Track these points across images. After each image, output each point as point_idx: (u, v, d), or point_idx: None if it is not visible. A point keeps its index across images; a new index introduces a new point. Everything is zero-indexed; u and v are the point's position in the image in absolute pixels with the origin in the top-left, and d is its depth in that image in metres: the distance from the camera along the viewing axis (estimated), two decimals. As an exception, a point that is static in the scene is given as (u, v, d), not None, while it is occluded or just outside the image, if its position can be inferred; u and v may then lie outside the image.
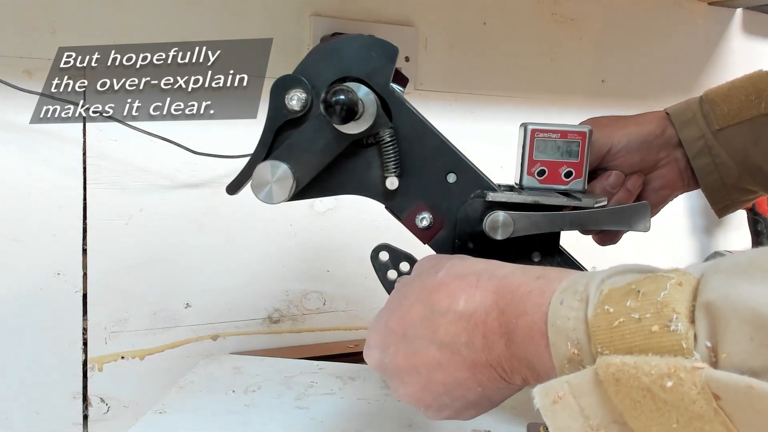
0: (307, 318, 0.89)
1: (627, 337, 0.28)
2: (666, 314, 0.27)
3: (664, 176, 0.62)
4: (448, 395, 0.39)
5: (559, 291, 0.32)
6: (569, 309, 0.31)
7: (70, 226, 0.74)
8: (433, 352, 0.39)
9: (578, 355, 0.30)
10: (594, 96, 1.08)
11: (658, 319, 0.27)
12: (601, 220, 0.51)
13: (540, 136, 0.53)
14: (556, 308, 0.32)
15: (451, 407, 0.40)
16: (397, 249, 0.54)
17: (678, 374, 0.26)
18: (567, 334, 0.30)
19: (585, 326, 0.30)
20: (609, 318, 0.29)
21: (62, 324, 0.75)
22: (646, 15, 1.11)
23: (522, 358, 0.35)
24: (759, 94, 0.60)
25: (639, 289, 0.29)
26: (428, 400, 0.40)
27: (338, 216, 0.89)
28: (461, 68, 0.97)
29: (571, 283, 0.32)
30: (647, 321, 0.28)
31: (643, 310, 0.28)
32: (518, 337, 0.34)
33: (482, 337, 0.37)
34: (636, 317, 0.28)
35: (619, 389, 0.28)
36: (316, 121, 0.50)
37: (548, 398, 0.30)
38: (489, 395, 0.39)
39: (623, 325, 0.28)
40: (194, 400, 0.64)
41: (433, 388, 0.40)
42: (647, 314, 0.28)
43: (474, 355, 0.37)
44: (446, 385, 0.39)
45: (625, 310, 0.29)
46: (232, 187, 0.52)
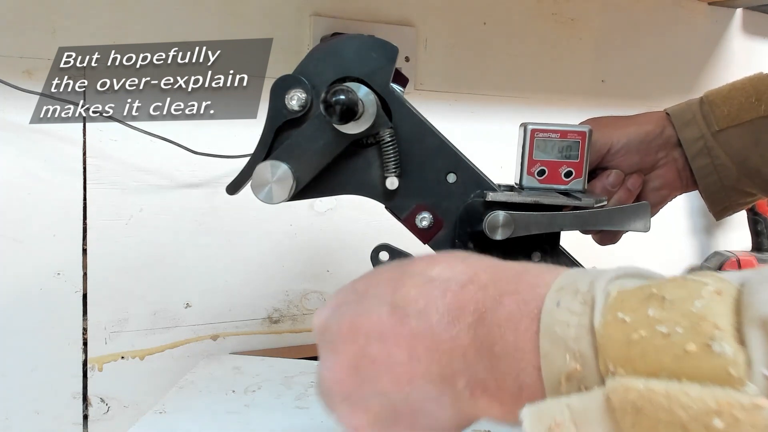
0: (307, 318, 0.89)
1: (651, 355, 0.23)
2: (705, 330, 0.22)
3: (662, 176, 0.62)
4: (371, 384, 0.32)
5: (555, 289, 0.26)
6: (569, 313, 0.25)
7: (70, 226, 0.74)
8: (382, 314, 0.32)
9: (580, 371, 0.24)
10: (594, 96, 1.08)
11: (695, 336, 0.22)
12: (601, 220, 0.51)
13: (540, 136, 0.54)
14: (551, 311, 0.26)
15: (367, 407, 0.32)
16: (397, 249, 0.54)
17: (732, 412, 0.20)
18: (566, 344, 0.25)
19: (590, 336, 0.24)
20: (625, 329, 0.23)
21: (62, 324, 0.75)
22: (646, 15, 1.11)
23: (488, 354, 0.28)
24: (759, 96, 0.60)
25: (663, 294, 0.24)
26: (347, 386, 0.33)
27: (338, 216, 0.89)
28: (461, 68, 0.97)
29: (569, 280, 0.27)
30: (679, 337, 0.22)
31: (672, 323, 0.23)
32: (494, 321, 0.28)
33: (444, 309, 0.30)
34: (663, 331, 0.23)
35: (639, 422, 0.22)
36: (316, 121, 0.50)
37: (542, 424, 0.24)
38: (416, 406, 0.31)
39: (645, 340, 0.23)
40: (194, 400, 0.64)
41: (361, 366, 0.32)
42: (678, 328, 0.22)
43: (422, 328, 0.30)
44: (376, 364, 0.31)
45: (647, 320, 0.23)
46: (232, 187, 0.52)
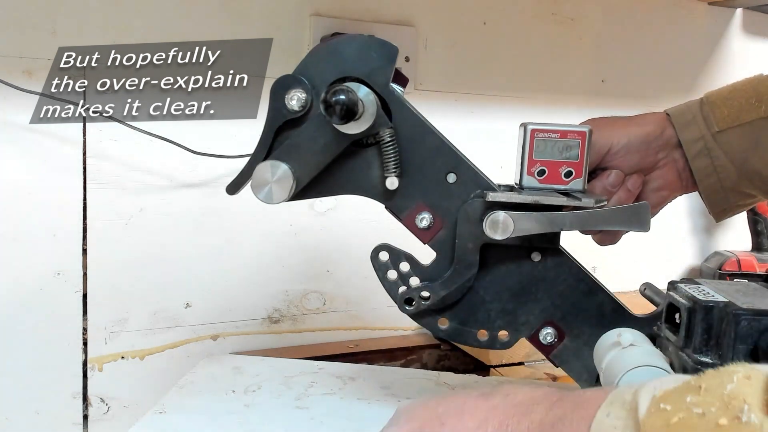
0: (307, 318, 0.89)
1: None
2: (736, 406, 0.25)
3: (662, 177, 0.62)
4: None
5: (606, 404, 0.30)
6: (616, 419, 0.28)
7: (70, 226, 0.74)
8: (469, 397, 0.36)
9: None
10: (594, 96, 1.08)
11: (727, 412, 0.25)
12: (601, 220, 0.51)
13: (540, 136, 0.53)
14: (601, 421, 0.29)
15: None
16: (397, 249, 0.54)
17: None
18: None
19: (634, 431, 0.27)
20: (665, 416, 0.26)
21: (62, 324, 0.75)
22: (646, 15, 1.11)
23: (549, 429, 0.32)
24: (759, 98, 0.60)
25: (700, 384, 0.27)
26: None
27: (338, 216, 0.89)
28: (461, 68, 0.97)
29: (617, 395, 0.30)
30: (712, 415, 0.25)
31: (706, 405, 0.25)
32: (562, 414, 0.32)
33: (527, 397, 0.34)
34: (699, 412, 0.25)
35: None
36: (316, 121, 0.50)
37: None
38: None
39: (683, 421, 0.25)
40: (194, 400, 0.64)
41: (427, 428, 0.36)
42: (712, 408, 0.25)
43: (503, 404, 0.35)
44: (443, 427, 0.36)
45: (685, 405, 0.26)
46: (232, 187, 0.52)
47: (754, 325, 0.44)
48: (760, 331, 0.44)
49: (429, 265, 0.54)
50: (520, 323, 0.54)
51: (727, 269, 1.12)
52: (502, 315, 0.54)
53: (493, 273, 0.54)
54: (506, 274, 0.54)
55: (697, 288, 0.49)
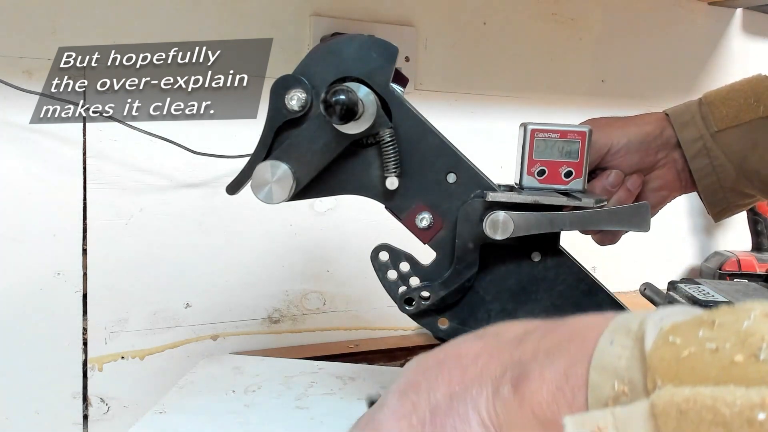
0: (307, 318, 0.89)
1: (699, 369, 0.24)
2: (753, 343, 0.23)
3: (662, 177, 0.62)
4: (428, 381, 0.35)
5: (609, 331, 0.28)
6: (621, 348, 0.27)
7: (70, 226, 0.74)
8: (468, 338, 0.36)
9: (627, 394, 0.26)
10: (594, 96, 1.08)
11: (743, 349, 0.23)
12: (601, 220, 0.51)
13: (540, 136, 0.54)
14: (604, 349, 0.27)
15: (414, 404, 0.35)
16: (397, 249, 0.54)
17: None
18: (617, 373, 0.26)
19: (641, 363, 0.26)
20: (675, 349, 0.25)
21: (62, 324, 0.75)
22: (646, 15, 1.11)
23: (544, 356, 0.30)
24: (758, 98, 0.60)
25: (713, 319, 0.25)
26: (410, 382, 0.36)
27: (338, 216, 0.89)
28: (461, 68, 0.97)
29: (622, 322, 0.28)
30: (727, 351, 0.24)
31: (721, 340, 0.24)
32: (558, 342, 0.30)
33: (517, 333, 0.33)
34: (712, 347, 0.24)
35: (681, 424, 0.23)
36: (316, 121, 0.50)
37: (585, 428, 0.25)
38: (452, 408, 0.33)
39: (694, 356, 0.24)
40: (194, 400, 0.64)
41: (430, 367, 0.35)
42: (726, 344, 0.24)
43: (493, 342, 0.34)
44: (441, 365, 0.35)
45: (697, 340, 0.25)
46: (232, 187, 0.52)
47: (754, 325, 0.44)
48: (760, 331, 0.44)
49: (429, 265, 0.54)
50: (520, 323, 0.54)
51: (727, 269, 1.12)
52: (502, 315, 0.54)
53: (493, 273, 0.54)
54: (506, 274, 0.54)
55: (697, 288, 0.49)
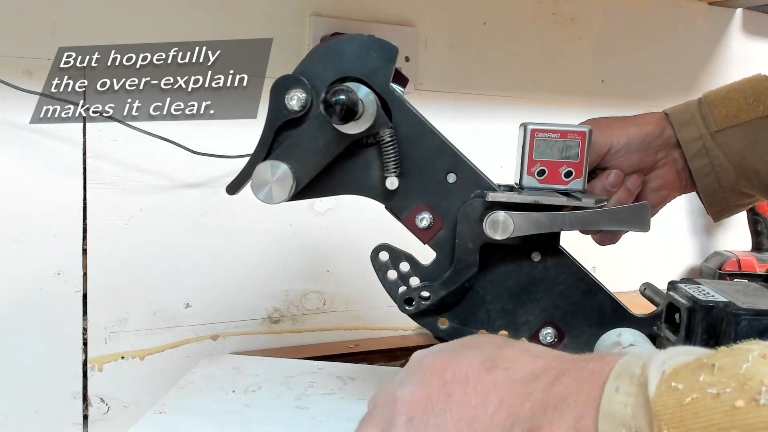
0: (307, 318, 0.89)
1: (702, 414, 0.24)
2: (752, 387, 0.24)
3: (662, 177, 0.62)
4: (435, 416, 0.35)
5: (613, 378, 0.28)
6: (626, 395, 0.27)
7: (70, 226, 0.74)
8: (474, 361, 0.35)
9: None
10: (594, 96, 1.08)
11: (743, 393, 0.24)
12: (601, 220, 0.51)
13: (540, 136, 0.53)
14: (610, 398, 0.28)
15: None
16: (397, 249, 0.54)
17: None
18: (624, 422, 0.27)
19: (645, 411, 0.26)
20: (677, 395, 0.25)
21: (62, 324, 0.75)
22: (646, 15, 1.11)
23: (553, 406, 0.30)
24: (757, 97, 0.60)
25: (713, 363, 0.26)
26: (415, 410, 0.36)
27: (338, 216, 0.89)
28: (461, 68, 0.97)
29: (625, 366, 0.29)
30: (728, 396, 0.24)
31: (721, 385, 0.25)
32: (566, 389, 0.30)
33: (530, 371, 0.33)
34: (713, 392, 0.24)
35: None
36: (316, 121, 0.50)
37: None
38: None
39: (697, 401, 0.25)
40: (194, 400, 0.64)
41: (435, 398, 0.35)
42: (727, 389, 0.24)
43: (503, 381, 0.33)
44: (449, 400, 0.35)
45: (698, 385, 0.25)
46: (232, 187, 0.52)
47: (754, 325, 0.44)
48: (759, 331, 0.44)
49: (429, 265, 0.54)
50: (520, 323, 0.54)
51: (727, 269, 1.12)
52: (501, 315, 0.54)
53: (493, 273, 0.54)
54: (506, 274, 0.54)
55: (697, 288, 0.49)
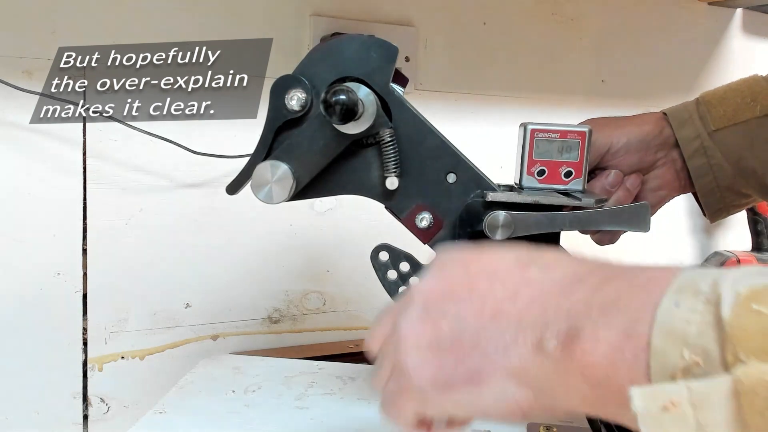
0: (307, 318, 0.89)
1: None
2: None
3: (661, 176, 0.62)
4: (455, 304, 0.32)
5: (674, 291, 0.25)
6: (691, 312, 0.24)
7: (70, 226, 0.74)
8: (506, 259, 0.32)
9: (700, 365, 0.23)
10: (594, 96, 1.08)
11: None
12: (601, 220, 0.51)
13: (540, 136, 0.54)
14: (669, 311, 0.25)
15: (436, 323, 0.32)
16: (397, 249, 0.54)
17: None
18: (686, 340, 0.24)
19: (716, 332, 0.23)
20: (761, 319, 0.23)
21: (62, 324, 0.75)
22: (645, 15, 1.11)
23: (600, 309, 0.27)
24: (754, 97, 0.60)
25: None
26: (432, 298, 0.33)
27: (338, 216, 0.89)
28: (461, 68, 0.97)
29: (689, 281, 0.26)
30: None
31: None
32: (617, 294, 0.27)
33: (572, 271, 0.30)
34: None
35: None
36: (316, 121, 0.50)
37: (656, 403, 0.23)
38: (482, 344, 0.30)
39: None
40: (194, 400, 0.64)
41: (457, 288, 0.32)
42: None
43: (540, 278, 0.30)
44: (471, 291, 0.32)
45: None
46: (232, 187, 0.52)
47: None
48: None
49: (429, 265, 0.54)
50: (520, 323, 0.54)
51: (727, 269, 1.12)
52: (501, 315, 0.54)
53: (493, 273, 0.54)
54: (506, 274, 0.54)
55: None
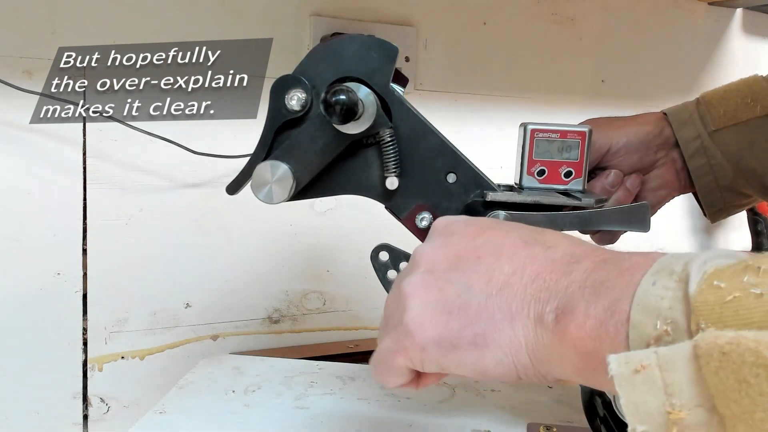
0: (307, 318, 0.89)
1: (742, 313, 0.25)
2: None
3: (661, 176, 0.62)
4: (462, 272, 0.35)
5: (652, 272, 0.28)
6: (664, 289, 0.27)
7: (70, 226, 0.74)
8: (512, 235, 0.35)
9: (669, 334, 0.26)
10: (594, 96, 1.08)
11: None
12: (601, 220, 0.51)
13: (540, 136, 0.54)
14: (646, 290, 0.28)
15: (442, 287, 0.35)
16: (397, 249, 0.54)
17: None
18: (659, 313, 0.27)
19: (684, 305, 0.26)
20: (719, 293, 0.25)
21: (62, 324, 0.75)
22: (646, 15, 1.11)
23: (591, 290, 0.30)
24: (754, 97, 0.60)
25: (759, 265, 0.26)
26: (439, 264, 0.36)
27: (338, 216, 0.89)
28: (461, 68, 0.97)
29: (665, 263, 0.29)
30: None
31: (766, 286, 0.25)
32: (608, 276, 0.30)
33: (571, 251, 0.33)
34: (757, 292, 0.25)
35: (723, 366, 0.24)
36: (316, 121, 0.50)
37: (628, 366, 0.26)
38: (487, 312, 0.33)
39: (738, 300, 0.25)
40: (194, 400, 0.64)
41: (464, 257, 0.35)
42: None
43: (542, 256, 0.33)
44: (479, 262, 0.34)
45: (742, 285, 0.25)
46: (232, 187, 0.52)
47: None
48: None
49: (429, 265, 0.54)
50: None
51: (727, 269, 1.12)
52: (501, 315, 0.54)
53: (493, 273, 0.54)
54: (506, 274, 0.54)
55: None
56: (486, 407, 0.65)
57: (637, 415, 0.26)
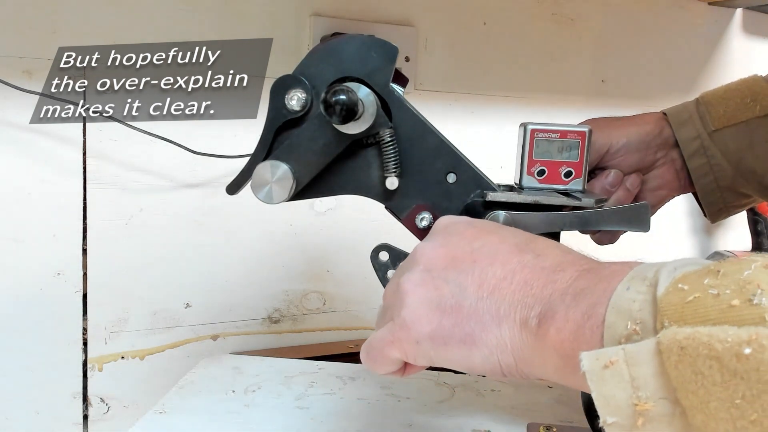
0: (307, 318, 0.89)
1: (700, 311, 0.27)
2: (749, 290, 0.26)
3: (661, 176, 0.62)
4: (458, 273, 0.37)
5: (627, 279, 0.31)
6: (636, 293, 0.29)
7: (70, 226, 0.74)
8: (507, 241, 0.38)
9: (638, 332, 0.28)
10: (594, 96, 1.08)
11: (740, 294, 0.26)
12: (601, 220, 0.51)
13: (540, 136, 0.53)
14: (620, 294, 0.30)
15: (438, 286, 0.37)
16: (397, 249, 0.54)
17: (760, 341, 0.24)
18: (630, 314, 0.29)
19: (652, 307, 0.28)
20: (682, 294, 0.28)
21: (62, 324, 0.75)
22: (646, 15, 1.11)
23: (572, 298, 0.32)
24: (754, 97, 0.60)
25: (719, 269, 0.28)
26: (437, 263, 0.38)
27: (338, 216, 0.89)
28: (461, 68, 0.97)
29: (639, 271, 0.31)
30: (726, 296, 0.26)
31: (722, 287, 0.27)
32: (588, 284, 0.32)
33: (559, 261, 0.35)
34: (714, 293, 0.27)
35: (681, 359, 0.26)
36: (316, 121, 0.50)
37: (599, 362, 0.28)
38: (478, 313, 0.35)
39: (698, 300, 0.27)
40: (194, 400, 0.64)
41: (460, 259, 0.37)
42: (727, 290, 0.27)
43: (532, 264, 0.35)
44: (474, 264, 0.37)
45: (702, 287, 0.27)
46: (232, 187, 0.52)
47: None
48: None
49: (429, 265, 0.54)
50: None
51: (727, 269, 1.12)
52: (501, 315, 0.54)
53: (493, 273, 0.54)
54: (506, 274, 0.54)
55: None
56: (486, 407, 0.65)
57: (607, 408, 0.28)
